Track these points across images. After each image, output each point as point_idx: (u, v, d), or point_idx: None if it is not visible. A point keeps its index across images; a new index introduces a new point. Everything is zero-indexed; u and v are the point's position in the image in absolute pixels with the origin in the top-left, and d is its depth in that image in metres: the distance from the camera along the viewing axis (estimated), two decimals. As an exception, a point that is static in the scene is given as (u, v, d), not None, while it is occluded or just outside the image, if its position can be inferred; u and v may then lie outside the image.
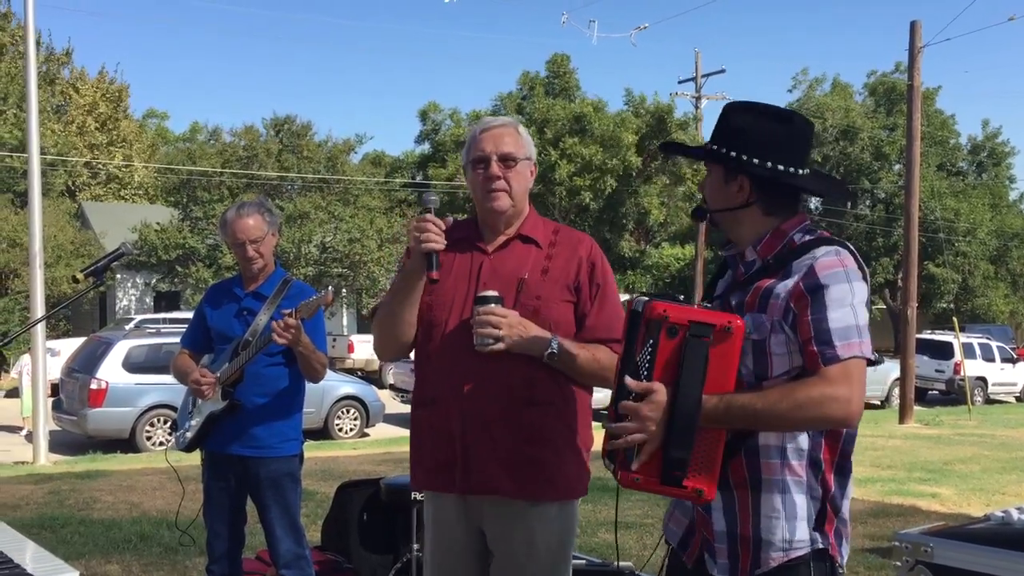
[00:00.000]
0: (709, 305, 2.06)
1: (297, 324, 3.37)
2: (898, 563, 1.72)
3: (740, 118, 2.09)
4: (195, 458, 3.86)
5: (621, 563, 3.65)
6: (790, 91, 39.15)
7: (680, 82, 31.16)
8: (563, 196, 31.25)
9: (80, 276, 3.09)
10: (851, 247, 2.00)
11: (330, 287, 3.57)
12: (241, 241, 3.65)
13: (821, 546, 1.95)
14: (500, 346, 2.38)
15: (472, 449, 2.45)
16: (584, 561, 4.00)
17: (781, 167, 2.04)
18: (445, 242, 2.45)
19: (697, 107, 31.03)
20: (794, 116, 2.13)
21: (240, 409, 3.57)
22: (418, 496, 4.15)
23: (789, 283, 1.94)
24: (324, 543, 4.59)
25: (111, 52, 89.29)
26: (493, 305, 2.39)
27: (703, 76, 30.41)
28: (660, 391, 1.83)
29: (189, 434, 3.68)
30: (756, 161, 2.03)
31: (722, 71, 31.08)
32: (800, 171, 2.06)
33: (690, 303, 2.00)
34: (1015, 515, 1.78)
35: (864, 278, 1.97)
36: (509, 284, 2.48)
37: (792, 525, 1.93)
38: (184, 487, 4.06)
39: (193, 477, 4.28)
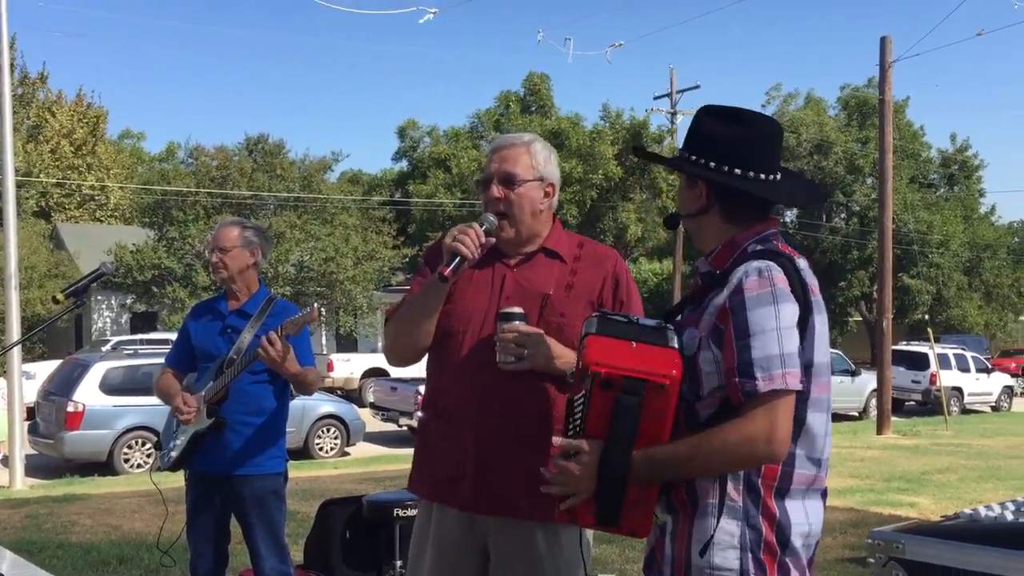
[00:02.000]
0: (652, 323, 1.97)
1: (284, 344, 3.37)
2: (872, 560, 1.75)
3: (705, 122, 2.02)
4: (177, 479, 3.84)
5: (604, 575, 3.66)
6: (764, 106, 39.57)
7: (655, 98, 31.49)
8: (542, 212, 31.39)
9: (60, 297, 3.08)
10: (795, 263, 1.90)
11: (315, 303, 3.56)
12: (212, 247, 3.74)
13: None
14: (524, 365, 2.34)
15: (485, 467, 2.40)
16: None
17: (738, 171, 1.94)
18: (477, 256, 2.38)
19: (672, 123, 31.27)
20: (756, 118, 2.01)
21: (225, 427, 3.57)
22: (400, 513, 4.16)
23: (719, 299, 1.86)
24: (307, 561, 4.57)
25: (86, 73, 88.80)
26: (518, 323, 2.34)
27: (678, 92, 30.68)
28: (588, 452, 1.80)
29: (174, 453, 3.67)
30: (712, 165, 1.95)
31: (696, 87, 31.31)
32: (763, 175, 1.95)
33: (639, 320, 1.96)
34: (983, 512, 1.82)
35: (799, 296, 1.85)
36: (533, 300, 2.43)
37: (718, 552, 1.83)
38: (167, 508, 4.04)
39: (172, 499, 4.25)
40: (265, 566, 3.61)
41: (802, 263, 1.94)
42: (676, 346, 1.86)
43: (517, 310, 2.37)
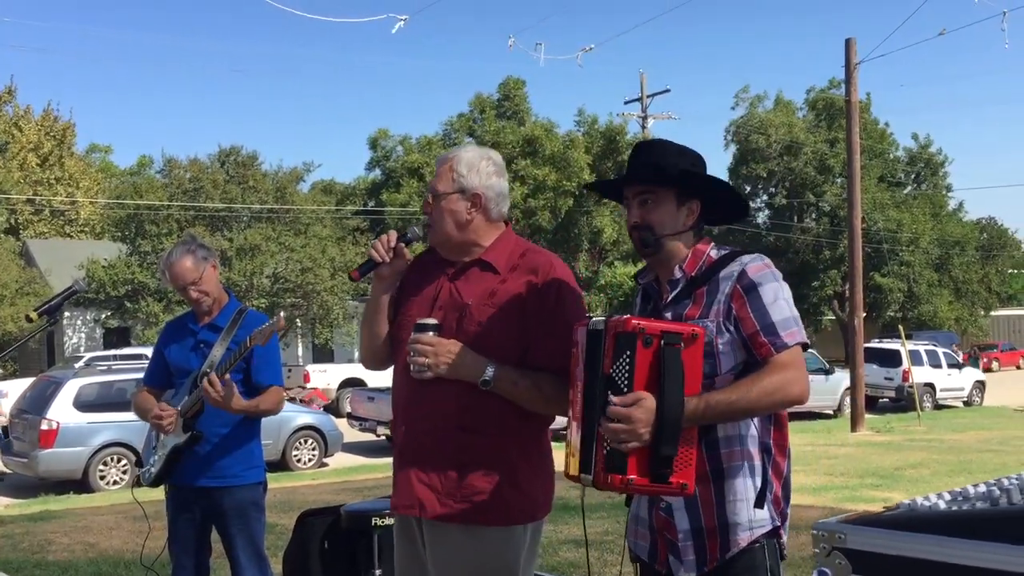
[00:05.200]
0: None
1: (227, 384, 3.42)
2: (816, 550, 1.85)
3: (673, 152, 2.30)
4: (158, 494, 3.86)
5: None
6: (733, 108, 39.92)
7: (626, 102, 31.61)
8: (518, 218, 31.45)
9: (34, 315, 3.10)
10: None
11: (281, 312, 3.58)
12: (182, 286, 3.71)
13: (776, 524, 2.15)
14: (429, 374, 2.45)
15: (404, 470, 2.54)
16: (546, 577, 4.06)
17: (724, 191, 2.32)
18: (388, 258, 2.60)
19: (644, 127, 31.46)
20: (694, 150, 2.35)
21: (202, 440, 3.59)
22: (379, 522, 4.19)
23: (726, 288, 2.15)
24: (286, 573, 4.58)
25: (52, 88, 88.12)
26: (430, 334, 2.46)
27: (648, 96, 30.86)
28: (648, 397, 1.98)
29: (154, 469, 3.69)
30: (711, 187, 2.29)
31: (667, 91, 31.48)
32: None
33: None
34: (920, 502, 1.92)
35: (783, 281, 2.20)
36: (457, 310, 2.53)
37: (754, 506, 2.12)
38: (149, 524, 4.05)
39: (152, 515, 4.26)
40: (245, 576, 3.63)
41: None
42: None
43: (431, 321, 2.50)
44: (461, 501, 2.46)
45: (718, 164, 41.02)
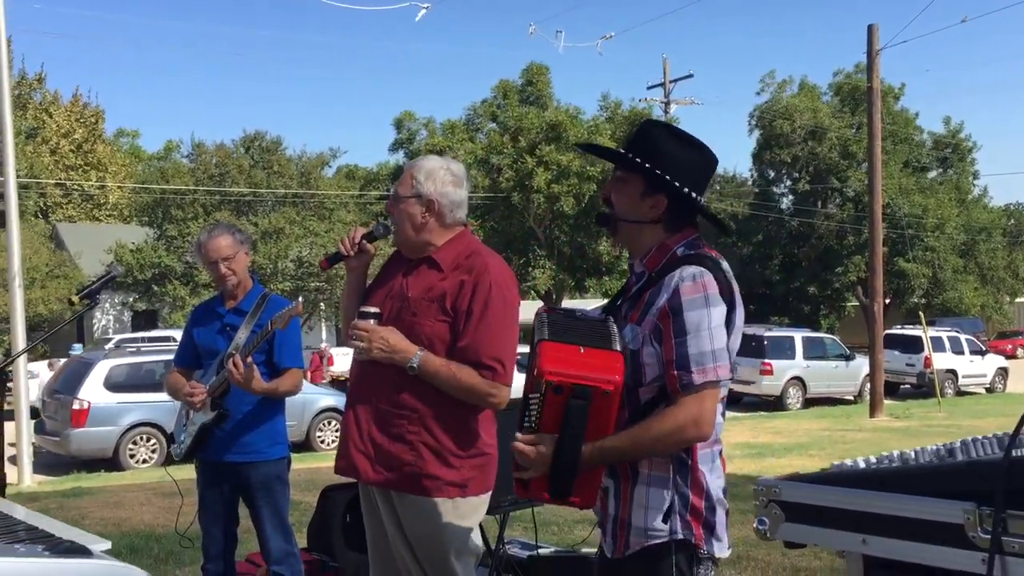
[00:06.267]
0: (597, 318, 2.22)
1: (249, 367, 3.66)
2: (756, 503, 2.09)
3: (663, 139, 2.23)
4: (189, 472, 4.09)
5: (583, 550, 3.90)
6: (758, 94, 39.71)
7: (649, 87, 31.74)
8: (541, 203, 31.60)
9: (75, 299, 3.32)
10: (720, 266, 2.15)
11: (300, 298, 3.85)
12: (214, 260, 3.92)
13: (681, 537, 2.11)
14: (365, 356, 2.79)
15: (346, 438, 2.92)
16: (552, 550, 4.27)
17: (695, 194, 2.21)
18: (351, 252, 2.96)
19: (666, 112, 31.48)
20: (705, 146, 2.26)
21: (228, 418, 3.81)
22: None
23: (660, 301, 2.11)
24: (310, 544, 4.81)
25: (81, 74, 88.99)
26: (371, 320, 2.78)
27: (671, 81, 30.89)
28: (547, 443, 2.03)
29: (185, 444, 3.93)
30: (677, 184, 2.18)
31: (690, 76, 31.71)
32: (702, 198, 2.25)
33: (586, 317, 2.20)
34: (848, 463, 2.14)
35: (728, 299, 2.12)
36: (400, 300, 2.87)
37: (652, 515, 2.12)
38: (182, 497, 4.30)
39: (171, 492, 4.48)
40: (271, 546, 3.87)
41: (725, 265, 2.18)
42: (619, 348, 2.09)
43: (372, 310, 2.83)
44: (390, 471, 2.81)
45: (742, 149, 40.88)
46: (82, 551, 1.89)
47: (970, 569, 1.77)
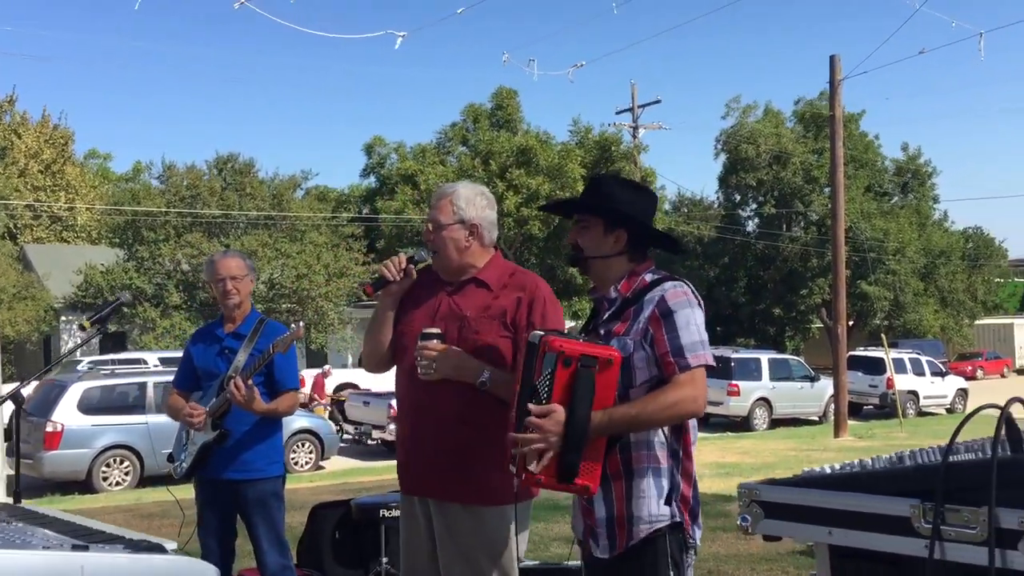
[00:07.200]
0: (586, 337, 2.54)
1: (249, 387, 3.84)
2: (740, 503, 2.44)
3: (611, 186, 2.65)
4: (184, 491, 4.26)
5: (569, 563, 4.12)
6: (724, 117, 40.39)
7: (617, 112, 32.05)
8: (511, 226, 31.89)
9: (87, 324, 3.50)
10: (687, 282, 2.55)
11: (300, 322, 4.05)
12: (223, 277, 4.12)
13: (677, 520, 2.44)
14: (435, 375, 2.86)
15: (412, 455, 3.02)
16: (537, 563, 4.48)
17: (646, 223, 2.63)
18: (398, 277, 3.00)
19: (635, 136, 31.92)
20: (647, 187, 2.82)
21: (228, 438, 4.00)
22: (386, 514, 4.60)
23: (647, 312, 2.46)
24: (300, 561, 4.98)
25: (49, 94, 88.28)
26: (435, 341, 2.87)
27: (640, 107, 31.31)
28: (559, 411, 2.29)
29: (185, 464, 4.10)
30: (632, 216, 2.58)
31: (658, 101, 31.97)
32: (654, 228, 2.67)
33: (572, 336, 2.50)
34: (817, 469, 2.49)
35: (700, 306, 2.50)
36: (457, 321, 2.96)
37: (654, 502, 2.43)
38: (183, 512, 4.45)
39: (149, 514, 4.64)
40: (268, 559, 4.05)
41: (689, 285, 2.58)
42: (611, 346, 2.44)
43: (435, 330, 2.91)
44: (462, 484, 2.92)
45: (709, 173, 41.44)
46: (159, 548, 2.08)
47: (916, 554, 2.10)
